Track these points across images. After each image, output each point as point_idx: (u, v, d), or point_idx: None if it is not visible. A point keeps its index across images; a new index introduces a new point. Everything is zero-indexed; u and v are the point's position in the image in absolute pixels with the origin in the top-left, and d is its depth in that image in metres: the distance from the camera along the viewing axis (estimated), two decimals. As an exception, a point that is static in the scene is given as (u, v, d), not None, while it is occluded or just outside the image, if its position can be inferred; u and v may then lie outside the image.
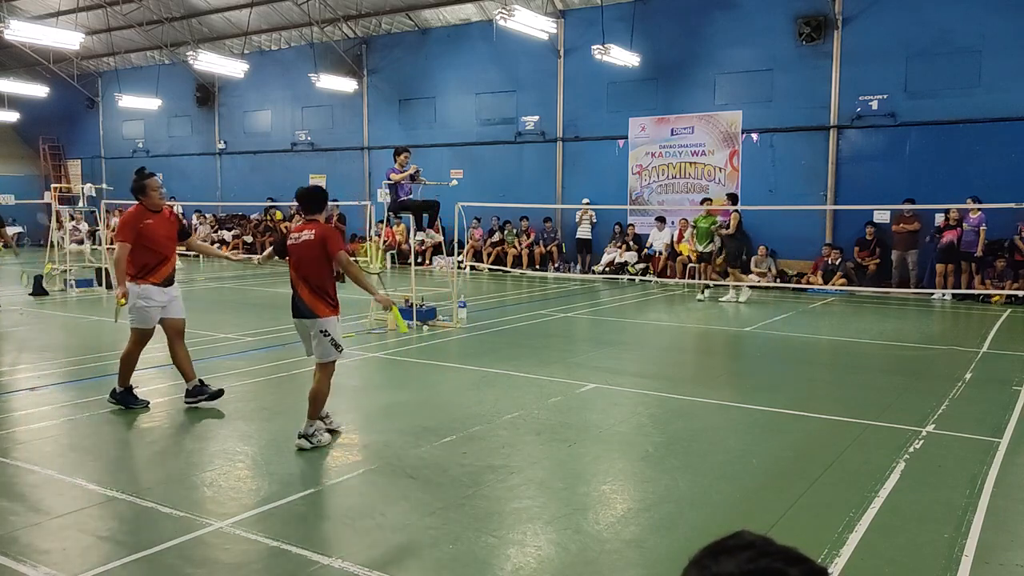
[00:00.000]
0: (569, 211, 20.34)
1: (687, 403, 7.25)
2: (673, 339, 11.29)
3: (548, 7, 19.45)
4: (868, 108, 16.75)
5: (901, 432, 6.20)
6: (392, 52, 23.25)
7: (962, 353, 9.66)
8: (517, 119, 21.26)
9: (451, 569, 3.93)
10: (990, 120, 15.53)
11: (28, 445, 5.92)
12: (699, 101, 18.62)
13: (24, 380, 8.09)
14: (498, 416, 6.65)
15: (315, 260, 5.93)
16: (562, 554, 4.09)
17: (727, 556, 1.08)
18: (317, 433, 5.88)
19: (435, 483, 5.08)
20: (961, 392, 7.61)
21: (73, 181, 29.49)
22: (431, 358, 9.29)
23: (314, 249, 5.92)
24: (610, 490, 5.13)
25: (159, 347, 8.72)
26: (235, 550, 4.14)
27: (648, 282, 17.71)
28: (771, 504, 4.77)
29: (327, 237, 5.96)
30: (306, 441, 5.77)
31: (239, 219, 26.37)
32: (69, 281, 15.58)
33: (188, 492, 4.90)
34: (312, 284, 5.97)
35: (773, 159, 17.90)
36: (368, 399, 7.48)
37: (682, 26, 18.60)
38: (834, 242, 16.92)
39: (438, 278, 18.31)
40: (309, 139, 25.34)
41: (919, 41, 16.13)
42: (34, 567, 3.90)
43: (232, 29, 24.67)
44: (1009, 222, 14.84)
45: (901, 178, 16.43)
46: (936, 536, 4.29)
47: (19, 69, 28.28)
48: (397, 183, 11.06)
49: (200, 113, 27.68)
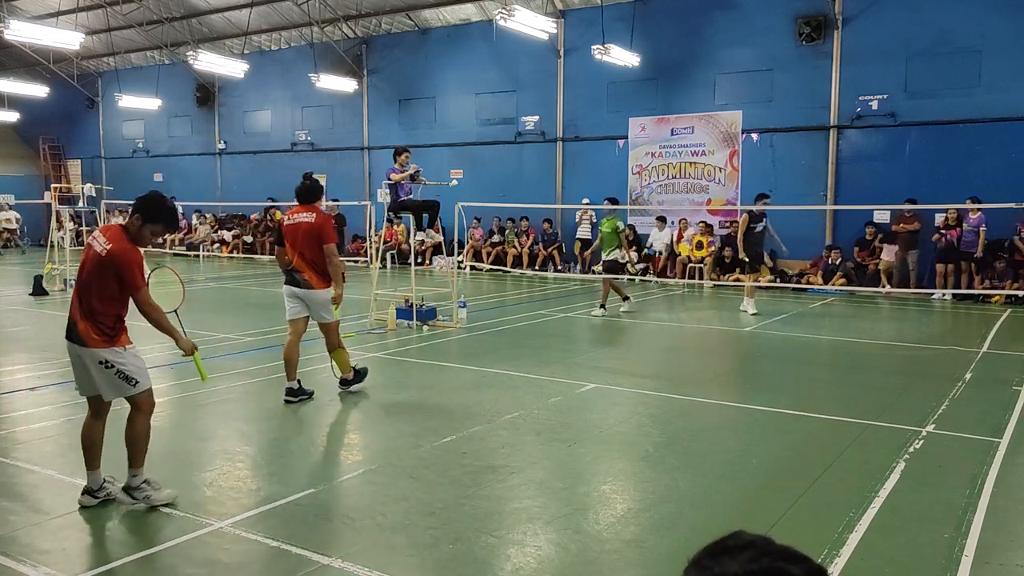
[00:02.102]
0: (569, 211, 20.34)
1: (687, 403, 7.25)
2: (673, 339, 11.29)
3: (548, 7, 19.45)
4: (868, 108, 16.75)
5: (901, 432, 6.20)
6: (392, 52, 23.25)
7: (962, 353, 9.66)
8: (517, 119, 21.26)
9: (451, 569, 3.93)
10: (990, 120, 15.53)
11: (28, 445, 5.92)
12: (699, 101, 18.62)
13: (24, 380, 8.09)
14: (498, 416, 6.65)
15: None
16: (562, 554, 4.09)
17: (728, 556, 1.08)
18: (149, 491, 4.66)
19: (435, 483, 5.08)
20: (961, 392, 7.61)
21: (73, 181, 29.50)
22: (431, 358, 9.29)
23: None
24: (610, 490, 5.13)
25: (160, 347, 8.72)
26: (235, 550, 4.14)
27: (648, 282, 17.71)
28: (771, 504, 4.77)
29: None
30: (128, 496, 4.65)
31: (239, 219, 26.36)
32: (69, 281, 15.57)
33: (188, 492, 4.90)
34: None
35: (773, 159, 17.90)
36: (368, 399, 7.48)
37: (682, 26, 18.60)
38: (834, 242, 16.93)
39: (438, 278, 18.31)
40: (309, 139, 25.34)
41: (919, 41, 16.13)
42: (34, 567, 3.90)
43: (232, 29, 24.66)
44: (1009, 222, 14.84)
45: (901, 178, 16.43)
46: (936, 536, 4.29)
47: (19, 69, 28.28)
48: (397, 183, 11.05)
49: (200, 113, 27.68)
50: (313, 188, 7.17)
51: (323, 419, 6.89)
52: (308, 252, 6.93)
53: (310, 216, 6.99)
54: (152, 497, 4.60)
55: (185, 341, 4.75)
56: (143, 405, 4.70)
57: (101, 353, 4.51)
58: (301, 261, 6.95)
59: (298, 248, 6.95)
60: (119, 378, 4.55)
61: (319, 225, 6.96)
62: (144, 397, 4.69)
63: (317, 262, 6.95)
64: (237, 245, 24.99)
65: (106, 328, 4.51)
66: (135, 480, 4.62)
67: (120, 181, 28.80)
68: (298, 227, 6.99)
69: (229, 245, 25.20)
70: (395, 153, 11.13)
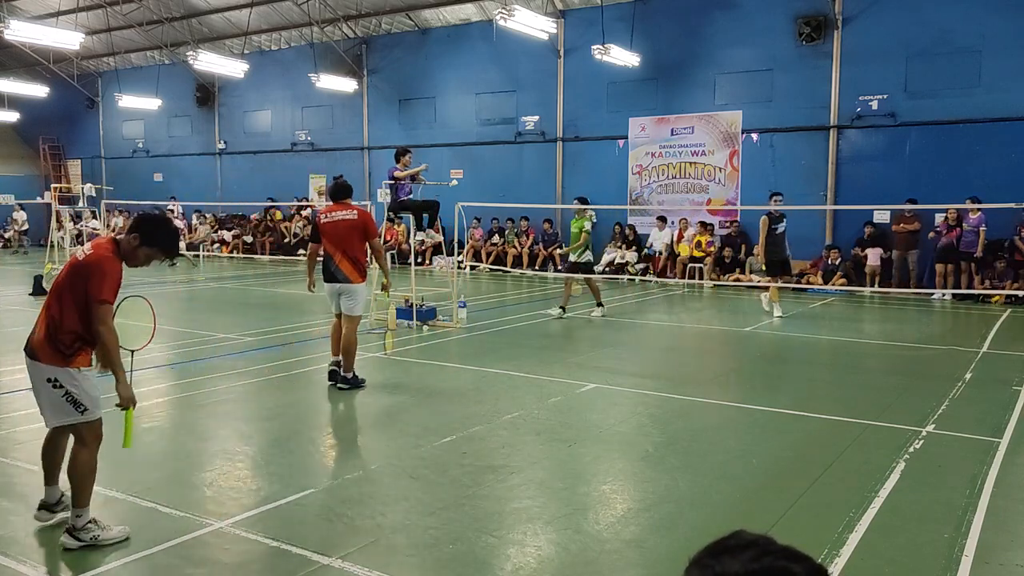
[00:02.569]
0: (569, 211, 20.31)
1: (687, 403, 7.25)
2: (673, 339, 11.29)
3: (548, 7, 19.45)
4: (868, 108, 16.75)
5: (901, 432, 6.20)
6: (392, 52, 23.25)
7: (962, 353, 9.66)
8: (517, 119, 21.26)
9: (451, 569, 3.93)
10: (990, 120, 15.53)
11: (28, 445, 5.91)
12: (699, 101, 18.62)
13: (24, 380, 8.04)
14: (498, 416, 6.65)
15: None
16: (562, 554, 4.09)
17: (729, 555, 1.08)
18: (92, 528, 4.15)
19: (435, 483, 5.08)
20: (961, 392, 7.61)
21: (73, 181, 29.50)
22: (431, 358, 9.29)
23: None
24: (610, 490, 5.13)
25: (160, 347, 8.73)
26: (235, 550, 4.14)
27: (648, 282, 17.71)
28: (771, 504, 4.77)
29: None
30: (71, 539, 4.12)
31: (239, 219, 26.36)
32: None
33: (188, 492, 4.90)
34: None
35: (773, 159, 17.90)
36: (368, 399, 7.48)
37: (682, 26, 18.60)
38: (834, 242, 16.92)
39: (438, 278, 18.31)
40: (309, 139, 25.34)
41: (919, 41, 16.13)
42: (34, 567, 3.90)
43: (232, 29, 24.67)
44: (1009, 222, 14.84)
45: (901, 178, 16.43)
46: (936, 536, 4.29)
47: (19, 69, 28.28)
48: (398, 181, 11.06)
49: (200, 113, 27.68)
50: (345, 186, 7.78)
51: (323, 419, 6.90)
52: (349, 248, 7.35)
53: (350, 213, 7.46)
54: (101, 536, 4.10)
55: (128, 388, 4.15)
56: (88, 438, 4.17)
57: (52, 370, 4.08)
58: (343, 257, 7.34)
59: (339, 244, 7.33)
60: (66, 401, 4.08)
61: (363, 221, 7.47)
62: (90, 428, 4.17)
63: (356, 257, 7.37)
64: (237, 245, 24.99)
65: (63, 345, 4.09)
66: (79, 520, 4.10)
67: (120, 181, 28.82)
68: (338, 224, 7.38)
69: (229, 245, 25.19)
70: (398, 154, 11.14)
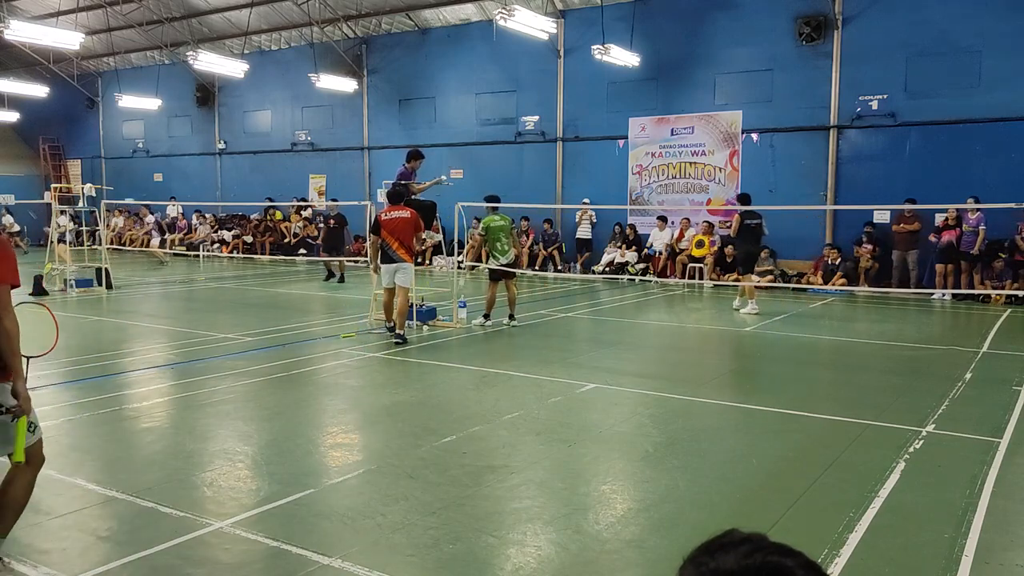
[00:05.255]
0: (569, 211, 20.34)
1: (687, 403, 7.25)
2: (673, 339, 11.29)
3: (548, 7, 19.45)
4: (868, 108, 16.75)
5: (901, 432, 6.20)
6: (392, 52, 23.25)
7: (962, 353, 9.66)
8: (517, 119, 21.26)
9: (451, 569, 3.93)
10: (990, 120, 15.52)
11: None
12: (699, 101, 18.62)
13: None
14: (498, 416, 6.65)
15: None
16: (562, 554, 4.09)
17: (723, 553, 1.10)
18: None
19: (435, 483, 5.08)
20: (961, 392, 7.61)
21: (73, 181, 29.49)
22: (431, 358, 9.29)
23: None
24: (610, 490, 5.13)
25: (160, 348, 8.73)
26: (235, 550, 4.13)
27: (648, 282, 17.71)
28: (771, 504, 4.77)
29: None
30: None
31: (239, 219, 26.36)
32: (69, 281, 15.57)
33: (188, 492, 4.90)
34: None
35: (773, 159, 17.90)
36: (368, 399, 7.49)
37: (682, 26, 18.60)
38: (834, 242, 16.92)
39: (438, 278, 18.32)
40: (309, 139, 25.34)
41: (919, 41, 16.13)
42: (34, 567, 3.90)
43: (232, 29, 24.66)
44: (1009, 222, 14.83)
45: (901, 178, 16.43)
46: (936, 536, 4.29)
47: (19, 69, 28.28)
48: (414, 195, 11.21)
49: (200, 113, 27.68)
50: (400, 192, 10.36)
51: (323, 419, 6.90)
52: (404, 237, 10.08)
53: (405, 212, 10.14)
54: None
55: (25, 390, 3.59)
56: (33, 458, 3.72)
57: None
58: (399, 244, 10.04)
59: (397, 235, 10.04)
60: None
61: (414, 218, 10.17)
62: (35, 449, 3.74)
63: (409, 244, 10.13)
64: (237, 245, 24.98)
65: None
66: None
67: (120, 181, 28.83)
68: (396, 221, 10.07)
69: (229, 245, 25.19)
70: (411, 156, 11.31)
